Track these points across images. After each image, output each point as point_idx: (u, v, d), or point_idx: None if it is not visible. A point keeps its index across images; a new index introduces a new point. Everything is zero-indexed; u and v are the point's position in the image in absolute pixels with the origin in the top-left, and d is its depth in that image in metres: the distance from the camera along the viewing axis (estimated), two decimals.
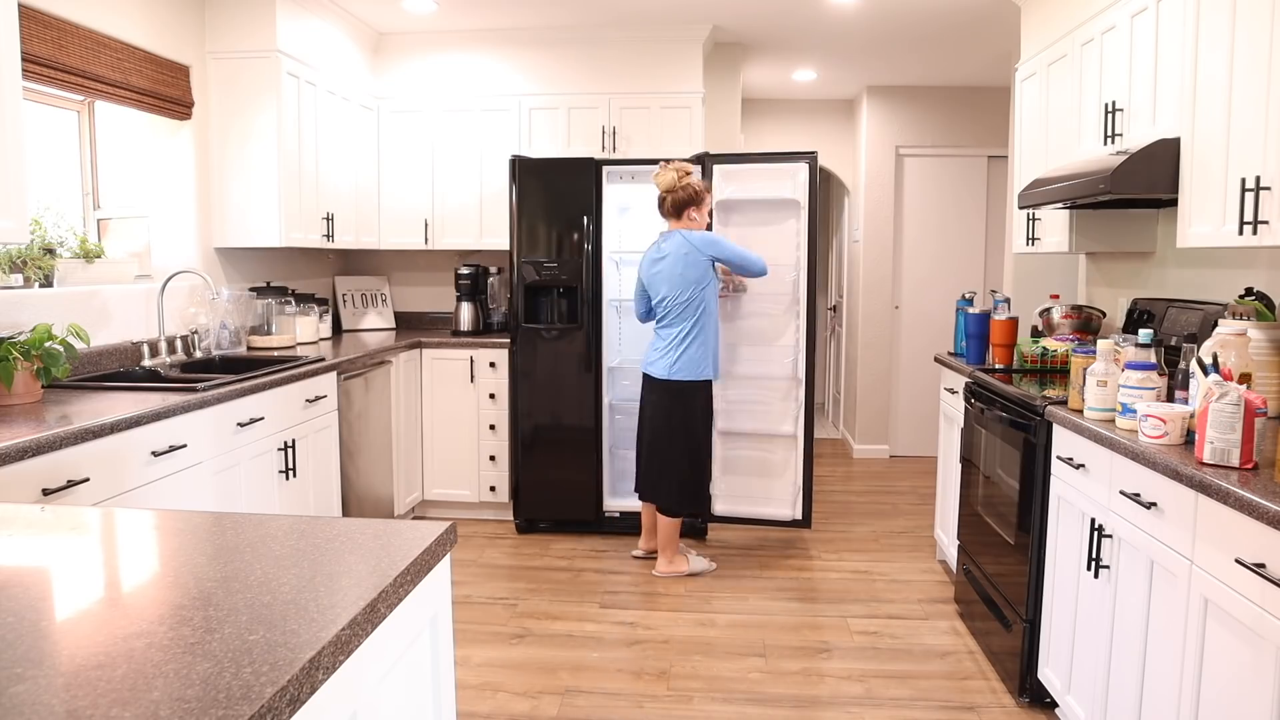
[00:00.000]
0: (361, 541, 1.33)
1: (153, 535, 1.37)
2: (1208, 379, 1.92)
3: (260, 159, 4.01)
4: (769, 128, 6.69)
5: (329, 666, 0.98)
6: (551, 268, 4.46)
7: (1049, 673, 2.72)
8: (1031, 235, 3.77)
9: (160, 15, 3.69)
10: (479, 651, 3.23)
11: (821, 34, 4.89)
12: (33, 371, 2.59)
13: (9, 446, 1.99)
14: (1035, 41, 3.78)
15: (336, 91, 4.51)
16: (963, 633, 3.41)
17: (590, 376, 4.48)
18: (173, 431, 2.61)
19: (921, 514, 4.98)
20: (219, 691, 0.86)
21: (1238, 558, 1.71)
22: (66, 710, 0.83)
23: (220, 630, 1.01)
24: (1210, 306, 2.83)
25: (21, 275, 3.19)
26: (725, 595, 3.77)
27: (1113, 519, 2.29)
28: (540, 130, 4.89)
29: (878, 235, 6.32)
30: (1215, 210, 2.33)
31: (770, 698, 2.90)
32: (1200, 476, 1.83)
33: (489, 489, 4.73)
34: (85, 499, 2.24)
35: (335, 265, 5.32)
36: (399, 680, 1.25)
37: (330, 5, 4.38)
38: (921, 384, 6.46)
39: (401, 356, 4.48)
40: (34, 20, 2.98)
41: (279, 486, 3.25)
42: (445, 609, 1.42)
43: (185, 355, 3.71)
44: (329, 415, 3.66)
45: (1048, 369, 3.29)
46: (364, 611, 1.07)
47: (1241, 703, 1.72)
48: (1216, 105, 2.33)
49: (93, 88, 3.28)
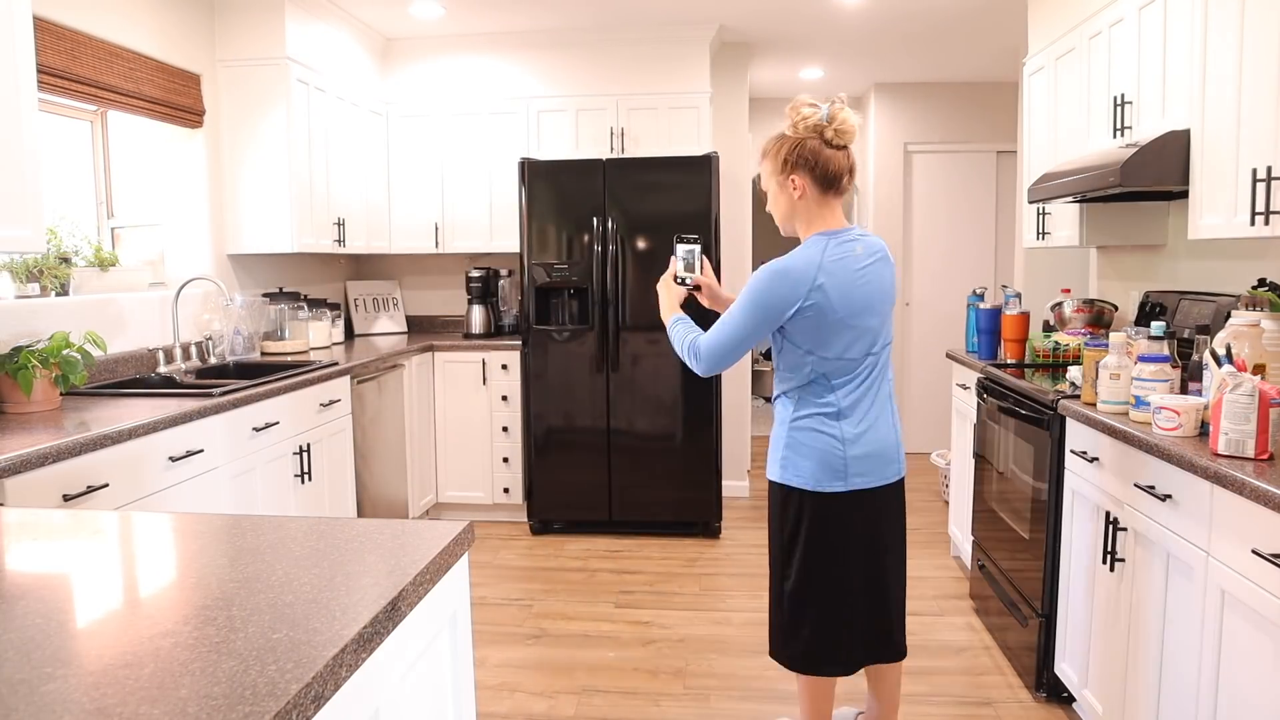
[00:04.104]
0: (380, 541, 1.34)
1: (173, 538, 1.39)
2: (1221, 370, 1.92)
3: (271, 165, 4.04)
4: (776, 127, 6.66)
5: (351, 664, 0.99)
6: (562, 269, 4.48)
7: (1065, 667, 2.72)
8: (1042, 229, 3.76)
9: (171, 25, 3.72)
10: (496, 652, 3.24)
11: (828, 32, 4.89)
12: (51, 379, 2.62)
13: (30, 453, 2.02)
14: (1043, 35, 3.77)
15: (345, 97, 4.54)
16: (978, 628, 3.40)
17: (601, 377, 4.50)
18: (190, 437, 2.63)
19: (935, 510, 4.98)
20: (245, 689, 0.88)
21: (1254, 549, 1.71)
22: (96, 708, 0.84)
23: (244, 629, 1.02)
24: (1223, 298, 2.82)
25: (38, 284, 3.22)
26: (740, 594, 3.78)
27: (1127, 512, 2.28)
28: (549, 132, 4.90)
29: (887, 232, 6.31)
30: (1226, 201, 2.32)
31: (787, 695, 2.90)
32: (1215, 468, 1.82)
33: (503, 491, 4.75)
34: (105, 504, 2.26)
35: (347, 270, 5.35)
36: (420, 678, 1.26)
37: (338, 12, 4.41)
38: (933, 380, 6.45)
39: (414, 360, 4.50)
40: (48, 32, 3.01)
41: (295, 490, 3.27)
42: (464, 607, 1.43)
43: (200, 361, 3.74)
44: (343, 419, 3.68)
45: (1060, 363, 3.28)
46: (385, 610, 1.09)
47: (1262, 694, 1.72)
48: (1226, 96, 2.32)
49: (106, 97, 3.31)
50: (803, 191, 2.20)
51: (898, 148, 6.25)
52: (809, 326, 2.13)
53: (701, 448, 4.49)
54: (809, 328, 2.13)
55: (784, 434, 2.24)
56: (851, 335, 2.15)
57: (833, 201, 2.21)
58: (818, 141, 2.18)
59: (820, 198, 2.20)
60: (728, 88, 5.25)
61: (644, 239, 4.43)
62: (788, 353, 2.22)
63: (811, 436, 2.19)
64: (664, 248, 4.42)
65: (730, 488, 5.30)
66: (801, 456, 2.20)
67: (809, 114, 2.19)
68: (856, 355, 2.18)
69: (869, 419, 2.21)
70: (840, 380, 2.18)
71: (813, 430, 2.19)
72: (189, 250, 3.97)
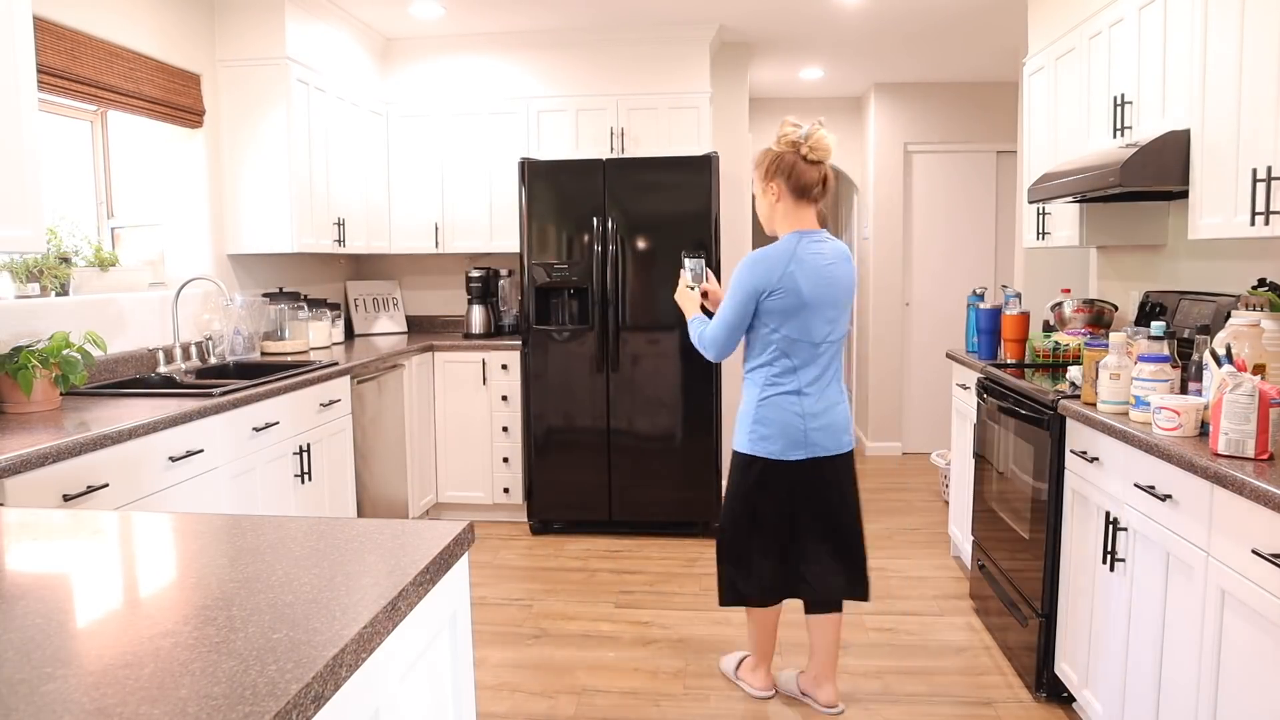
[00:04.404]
0: (380, 541, 1.34)
1: (173, 538, 1.39)
2: (1221, 370, 1.92)
3: (271, 165, 4.04)
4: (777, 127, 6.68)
5: (351, 664, 0.99)
6: (562, 269, 4.48)
7: (1065, 667, 2.72)
8: (1042, 230, 3.76)
9: (171, 25, 3.72)
10: (495, 652, 3.24)
11: (828, 32, 4.89)
12: (51, 379, 2.62)
13: (30, 453, 2.02)
14: (1043, 35, 3.78)
15: (345, 97, 4.54)
16: (978, 628, 3.40)
17: (601, 377, 4.50)
18: (189, 437, 2.63)
19: (935, 510, 4.98)
20: (245, 689, 0.88)
21: (1254, 549, 1.71)
22: (96, 708, 0.84)
23: (244, 629, 1.02)
24: (1223, 298, 2.82)
25: (38, 284, 3.22)
26: None
27: (1127, 512, 2.29)
28: (549, 132, 4.90)
29: (887, 232, 6.31)
30: (1226, 201, 2.32)
31: (787, 695, 2.90)
32: (1215, 468, 1.83)
33: (503, 491, 4.75)
34: (105, 504, 2.26)
35: (347, 270, 5.35)
36: (420, 678, 1.26)
37: (338, 12, 4.41)
38: (933, 381, 6.45)
39: (414, 360, 4.50)
40: (48, 32, 3.01)
41: (295, 490, 3.27)
42: (464, 607, 1.43)
43: (200, 361, 3.74)
44: (343, 419, 3.68)
45: (1060, 363, 3.28)
46: (385, 610, 1.09)
47: (1261, 694, 1.72)
48: (1226, 96, 2.32)
49: (106, 97, 3.32)
50: (779, 196, 2.62)
51: (898, 148, 6.25)
52: (779, 307, 2.54)
53: (701, 448, 4.49)
54: (779, 309, 2.54)
55: (752, 410, 2.65)
56: (814, 319, 2.56)
57: (806, 207, 2.62)
58: (794, 156, 2.59)
59: (794, 203, 2.61)
60: (728, 88, 5.25)
61: (644, 239, 4.43)
62: (757, 328, 2.62)
63: (778, 413, 2.60)
64: (664, 248, 4.42)
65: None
66: (769, 428, 2.61)
67: (789, 132, 2.61)
68: (817, 339, 2.58)
69: (826, 398, 2.63)
70: (802, 364, 2.59)
71: (779, 407, 2.61)
72: (189, 250, 3.97)
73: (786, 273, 2.51)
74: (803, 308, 2.53)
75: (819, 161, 2.59)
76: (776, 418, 2.60)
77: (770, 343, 2.59)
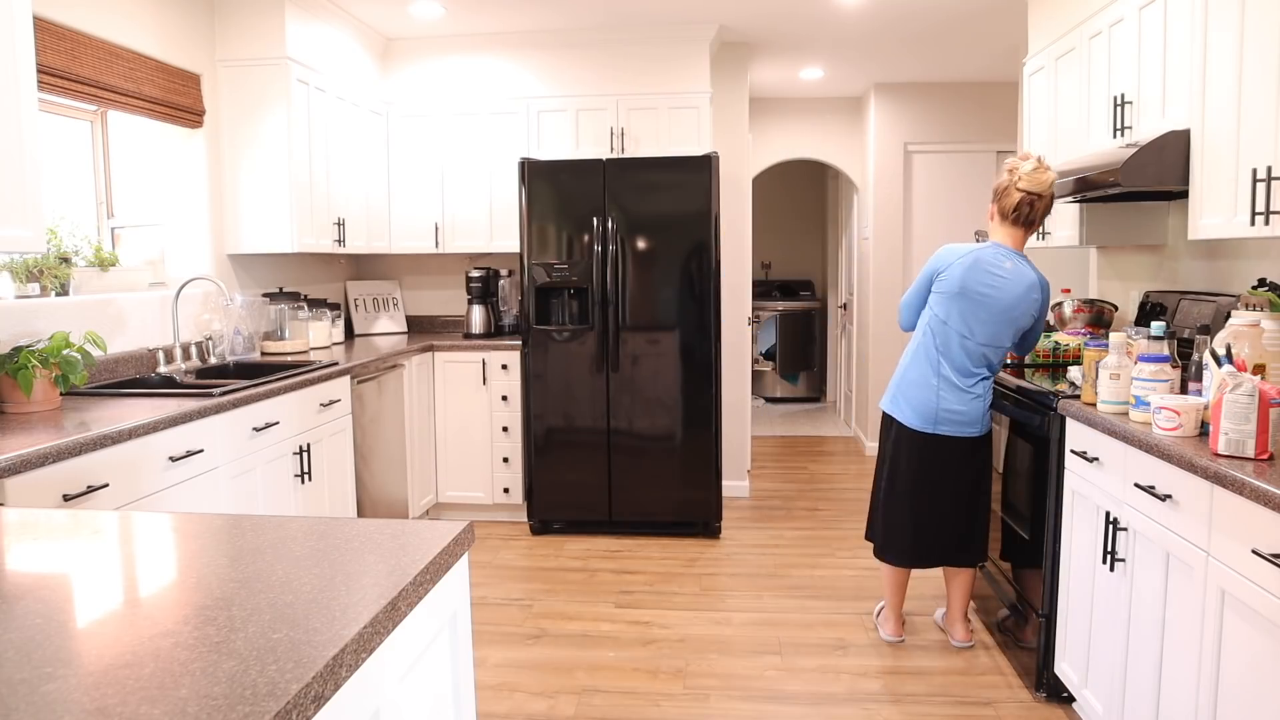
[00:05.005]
0: (380, 541, 1.34)
1: (174, 538, 1.39)
2: (1221, 370, 1.92)
3: (271, 165, 4.04)
4: (776, 127, 6.69)
5: (351, 664, 0.99)
6: (562, 269, 4.48)
7: (1065, 667, 2.72)
8: (1042, 229, 3.76)
9: (171, 24, 3.72)
10: (496, 652, 3.24)
11: (828, 32, 4.89)
12: (51, 379, 2.62)
13: (30, 453, 2.02)
14: (1043, 35, 3.78)
15: (346, 97, 4.54)
16: (978, 628, 3.40)
17: (601, 377, 4.50)
18: (189, 437, 2.63)
19: None
20: (245, 689, 0.88)
21: (1254, 549, 1.71)
22: (97, 708, 0.85)
23: (244, 629, 1.02)
24: (1223, 298, 2.82)
25: (38, 284, 3.22)
26: (740, 594, 3.78)
27: (1128, 512, 2.29)
28: (549, 132, 4.90)
29: (887, 232, 6.31)
30: (1226, 201, 2.32)
31: (787, 695, 2.91)
32: (1215, 468, 1.83)
33: (503, 491, 4.75)
34: (105, 504, 2.26)
35: (347, 270, 5.35)
36: (420, 678, 1.26)
37: (338, 12, 4.41)
38: None
39: (414, 360, 4.50)
40: (48, 32, 3.01)
41: (295, 490, 3.27)
42: (464, 607, 1.43)
43: (200, 361, 3.74)
44: (343, 419, 3.68)
45: (1060, 363, 3.28)
46: (385, 610, 1.09)
47: (1261, 694, 1.72)
48: (1226, 96, 2.32)
49: (106, 97, 3.32)
50: (992, 214, 3.04)
51: (898, 148, 6.25)
52: (940, 293, 2.98)
53: (701, 448, 4.49)
54: (940, 295, 2.98)
55: (899, 381, 3.12)
56: (959, 313, 2.93)
57: (1010, 227, 2.97)
58: (1009, 182, 2.94)
59: (1000, 222, 3.00)
60: (728, 88, 5.25)
61: (644, 239, 4.43)
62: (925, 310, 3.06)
63: (918, 391, 3.05)
64: (664, 248, 4.42)
65: (730, 488, 5.30)
66: (906, 401, 3.08)
67: (1014, 164, 2.96)
68: (957, 334, 2.95)
69: (958, 394, 3.00)
70: (946, 358, 2.99)
71: (919, 386, 3.04)
72: (189, 250, 3.97)
73: (950, 265, 2.96)
74: (953, 299, 2.94)
75: (1030, 192, 2.89)
76: (916, 395, 3.06)
77: (924, 320, 3.05)
